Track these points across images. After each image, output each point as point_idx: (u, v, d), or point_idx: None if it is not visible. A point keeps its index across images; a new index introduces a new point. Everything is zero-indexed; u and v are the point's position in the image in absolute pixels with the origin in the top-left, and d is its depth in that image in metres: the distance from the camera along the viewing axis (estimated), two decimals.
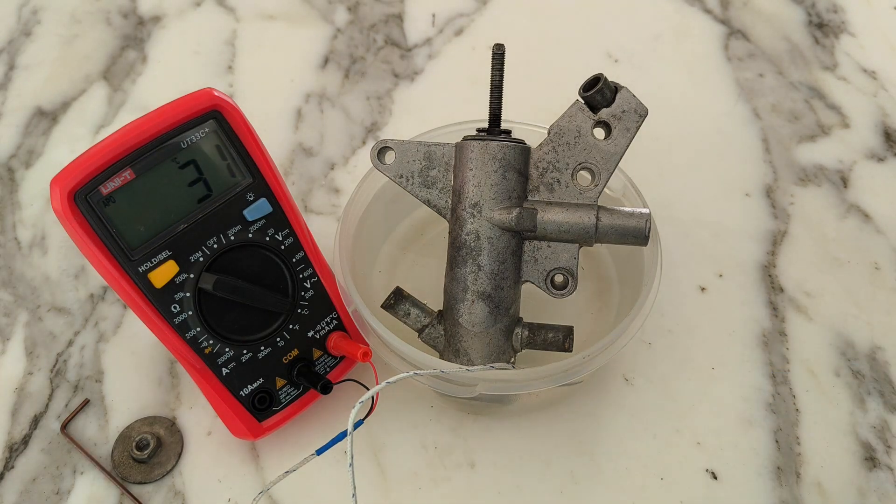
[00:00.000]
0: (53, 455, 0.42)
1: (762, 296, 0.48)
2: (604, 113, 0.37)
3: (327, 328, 0.41)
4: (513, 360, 0.39)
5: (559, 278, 0.38)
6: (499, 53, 0.37)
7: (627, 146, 0.37)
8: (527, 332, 0.39)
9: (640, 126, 0.37)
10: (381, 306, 0.40)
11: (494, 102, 0.38)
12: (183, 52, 0.63)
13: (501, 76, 0.38)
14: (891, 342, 0.46)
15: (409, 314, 0.40)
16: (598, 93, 0.36)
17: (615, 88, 0.37)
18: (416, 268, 0.48)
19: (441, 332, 0.39)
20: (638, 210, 0.37)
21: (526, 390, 0.37)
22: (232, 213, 0.37)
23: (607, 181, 0.38)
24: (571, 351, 0.38)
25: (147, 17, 0.66)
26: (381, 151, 0.39)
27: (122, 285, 0.35)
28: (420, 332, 0.40)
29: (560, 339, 0.39)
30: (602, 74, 0.36)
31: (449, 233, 0.39)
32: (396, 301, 0.40)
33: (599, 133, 0.37)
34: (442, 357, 0.39)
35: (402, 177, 0.39)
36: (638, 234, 0.37)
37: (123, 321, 0.47)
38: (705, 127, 0.58)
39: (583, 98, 0.37)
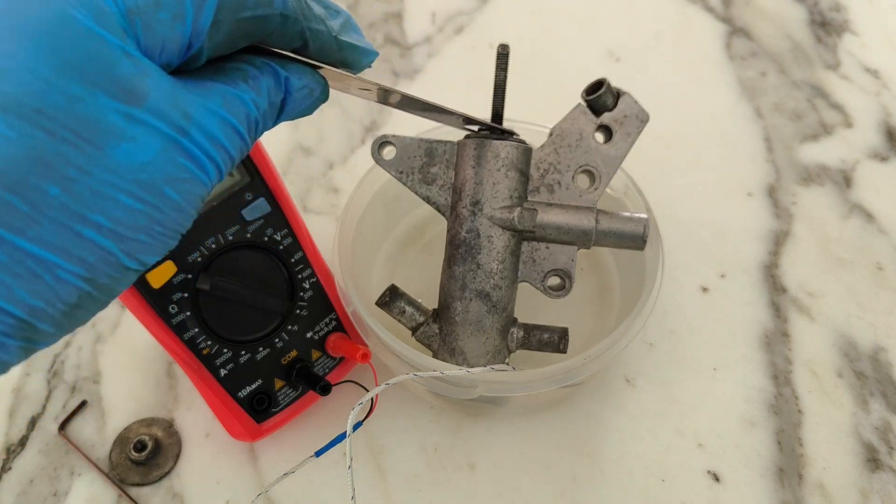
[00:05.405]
0: (51, 457, 0.41)
1: (764, 296, 0.48)
2: (606, 117, 0.37)
3: (326, 329, 0.41)
4: (507, 360, 0.39)
5: (556, 280, 0.38)
6: (504, 54, 0.37)
7: (628, 151, 0.37)
8: (522, 333, 0.39)
9: (640, 132, 0.37)
10: (376, 303, 0.39)
11: (497, 102, 0.38)
12: None
13: (505, 76, 0.38)
14: (894, 343, 0.45)
15: (403, 312, 0.39)
16: (600, 97, 0.36)
17: (618, 94, 0.37)
18: (416, 268, 0.48)
19: (436, 330, 0.39)
20: (637, 215, 0.37)
21: (527, 391, 0.37)
22: (230, 212, 0.37)
23: (607, 185, 0.37)
24: (566, 352, 0.38)
25: None
26: (381, 146, 0.38)
27: None
28: (414, 330, 0.39)
29: (555, 341, 0.38)
30: (605, 79, 0.36)
31: (448, 230, 0.39)
32: (391, 299, 0.39)
33: (601, 137, 0.38)
34: (436, 356, 0.39)
35: (402, 172, 0.39)
36: (635, 239, 0.37)
37: (121, 322, 0.47)
38: (707, 126, 0.58)
39: (585, 102, 0.37)
